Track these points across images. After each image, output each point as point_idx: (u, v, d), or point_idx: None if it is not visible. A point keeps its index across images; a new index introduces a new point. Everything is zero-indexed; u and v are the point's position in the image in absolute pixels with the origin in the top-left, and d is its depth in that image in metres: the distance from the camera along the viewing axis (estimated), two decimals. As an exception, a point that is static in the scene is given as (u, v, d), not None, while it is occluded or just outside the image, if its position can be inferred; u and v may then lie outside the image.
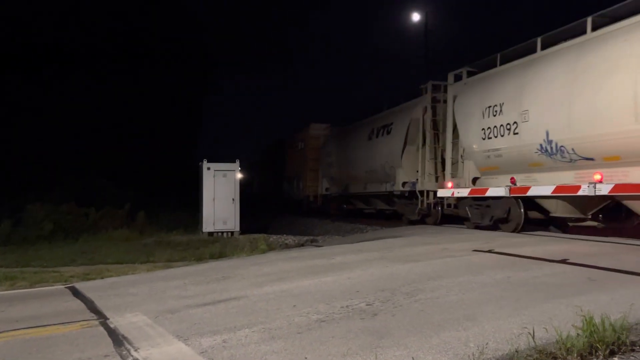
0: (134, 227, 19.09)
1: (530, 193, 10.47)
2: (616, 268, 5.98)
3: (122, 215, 19.83)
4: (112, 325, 5.00)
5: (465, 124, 12.92)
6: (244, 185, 39.82)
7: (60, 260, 11.89)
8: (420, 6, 28.74)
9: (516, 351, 3.33)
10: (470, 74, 13.30)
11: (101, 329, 4.95)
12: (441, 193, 13.63)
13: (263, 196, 37.12)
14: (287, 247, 14.50)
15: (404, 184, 16.23)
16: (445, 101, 14.52)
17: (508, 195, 10.96)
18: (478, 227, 12.20)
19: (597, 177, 8.92)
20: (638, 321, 3.83)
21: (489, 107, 11.73)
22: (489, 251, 7.93)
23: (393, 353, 3.54)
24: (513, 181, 11.13)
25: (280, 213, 29.10)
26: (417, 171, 15.46)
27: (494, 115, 11.57)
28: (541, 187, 10.29)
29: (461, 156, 13.20)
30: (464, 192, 12.48)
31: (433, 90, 15.19)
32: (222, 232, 17.94)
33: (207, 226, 17.99)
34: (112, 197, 21.77)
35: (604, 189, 8.74)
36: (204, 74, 40.09)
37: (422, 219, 15.66)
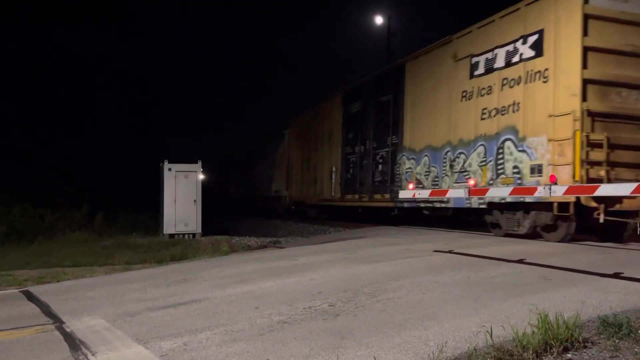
0: (93, 229, 18.65)
1: (488, 194, 10.64)
2: (569, 267, 6.19)
3: (79, 217, 19.35)
4: (68, 330, 4.87)
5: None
6: (217, 186, 37.47)
7: (14, 263, 11.49)
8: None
9: (474, 349, 3.41)
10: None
11: (57, 333, 4.81)
12: (402, 194, 13.61)
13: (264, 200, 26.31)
14: (250, 248, 14.41)
15: None
16: None
17: (468, 197, 11.13)
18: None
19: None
20: (590, 319, 3.98)
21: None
22: (449, 252, 8.08)
23: (355, 353, 3.57)
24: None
25: (243, 215, 28.63)
26: None
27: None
28: (499, 189, 10.49)
29: None
30: (424, 194, 12.62)
31: None
32: (184, 234, 17.71)
33: (168, 228, 17.73)
34: (69, 199, 21.20)
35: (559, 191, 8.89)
36: (165, 72, 39.32)
37: None
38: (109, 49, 32.09)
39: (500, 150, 10.36)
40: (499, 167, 10.40)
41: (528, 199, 9.43)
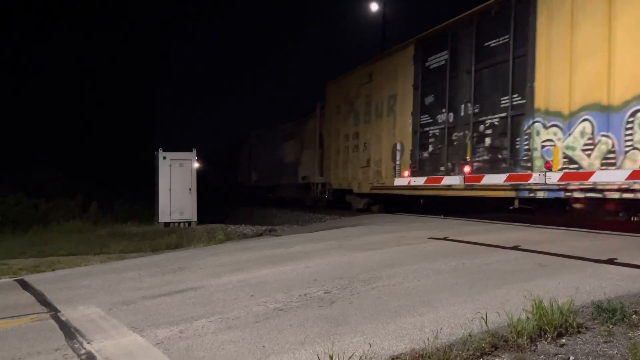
0: (87, 218, 18.62)
1: (483, 182, 10.69)
2: (564, 254, 6.22)
3: (74, 206, 19.31)
4: (63, 318, 4.86)
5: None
6: (225, 174, 33.35)
7: (9, 252, 11.47)
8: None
9: (469, 335, 3.42)
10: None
11: (52, 322, 4.80)
12: (398, 182, 13.48)
13: None
14: (246, 237, 14.42)
15: None
16: None
17: (462, 184, 11.17)
18: None
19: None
20: (584, 304, 4.00)
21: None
22: (444, 239, 8.10)
23: (350, 340, 3.58)
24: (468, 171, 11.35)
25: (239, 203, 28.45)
26: None
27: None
28: (493, 176, 10.52)
29: None
30: (420, 181, 12.64)
31: None
32: (179, 223, 17.72)
33: (163, 217, 17.75)
34: (63, 188, 21.14)
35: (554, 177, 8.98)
36: (157, 61, 38.96)
37: None
38: (101, 36, 31.82)
39: None
40: None
41: None
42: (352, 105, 16.50)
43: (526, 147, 9.86)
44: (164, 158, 17.89)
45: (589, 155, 8.67)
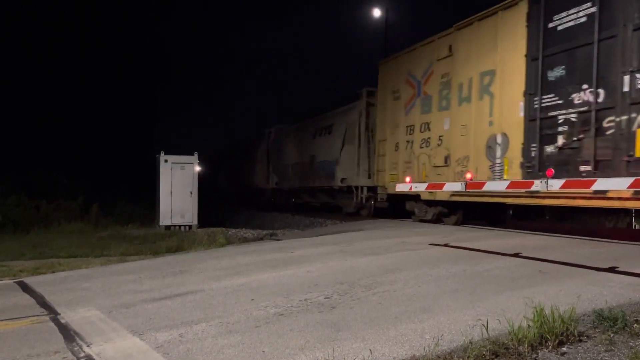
0: (88, 220, 18.62)
1: (485, 188, 10.68)
2: (565, 261, 6.21)
3: (75, 207, 19.31)
4: (63, 321, 4.85)
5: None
6: (234, 176, 31.09)
7: (9, 254, 11.46)
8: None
9: (470, 342, 3.41)
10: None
11: (52, 324, 4.79)
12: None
13: None
14: (246, 241, 14.42)
15: None
16: None
17: (464, 190, 11.16)
18: None
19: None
20: (585, 312, 3.98)
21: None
22: (446, 245, 8.09)
23: (351, 345, 3.57)
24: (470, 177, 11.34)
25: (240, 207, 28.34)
26: None
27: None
28: (496, 183, 10.51)
29: None
30: (421, 187, 12.64)
31: None
32: (180, 226, 17.72)
33: (164, 220, 17.74)
34: (64, 190, 21.15)
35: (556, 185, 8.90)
36: (158, 63, 38.89)
37: None
38: (101, 35, 31.84)
39: None
40: None
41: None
42: (419, 88, 13.16)
43: None
44: (166, 161, 17.90)
45: None
